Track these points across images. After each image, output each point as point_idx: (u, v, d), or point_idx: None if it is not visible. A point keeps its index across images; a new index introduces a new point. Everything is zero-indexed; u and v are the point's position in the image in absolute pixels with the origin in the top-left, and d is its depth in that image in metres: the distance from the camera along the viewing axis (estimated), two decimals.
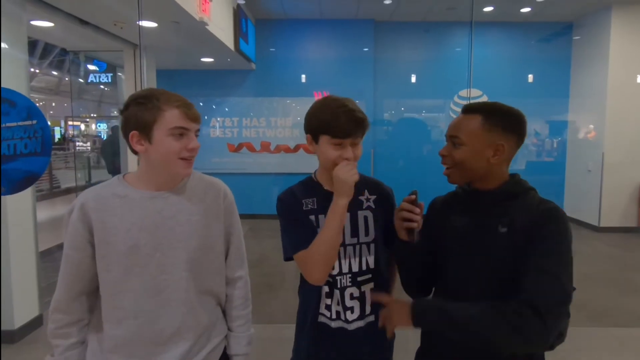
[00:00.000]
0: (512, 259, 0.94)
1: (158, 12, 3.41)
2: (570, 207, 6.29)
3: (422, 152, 6.39)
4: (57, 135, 17.47)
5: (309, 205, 1.14)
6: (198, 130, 1.04)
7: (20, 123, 1.43)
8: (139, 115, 0.96)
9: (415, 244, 1.04)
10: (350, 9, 5.76)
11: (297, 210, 1.14)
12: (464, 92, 6.16)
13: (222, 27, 4.39)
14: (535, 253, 0.92)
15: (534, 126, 6.43)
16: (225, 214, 1.11)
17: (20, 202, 2.71)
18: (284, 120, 6.28)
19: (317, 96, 6.30)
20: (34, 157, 1.47)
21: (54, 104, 19.23)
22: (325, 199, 1.13)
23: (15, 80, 2.61)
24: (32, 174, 1.50)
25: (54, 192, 9.21)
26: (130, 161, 4.56)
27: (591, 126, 5.94)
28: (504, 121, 1.01)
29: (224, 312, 1.17)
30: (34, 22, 3.65)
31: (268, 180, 6.24)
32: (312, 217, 1.13)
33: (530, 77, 6.29)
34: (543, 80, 6.27)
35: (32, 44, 12.56)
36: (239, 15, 4.90)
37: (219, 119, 6.34)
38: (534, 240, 0.93)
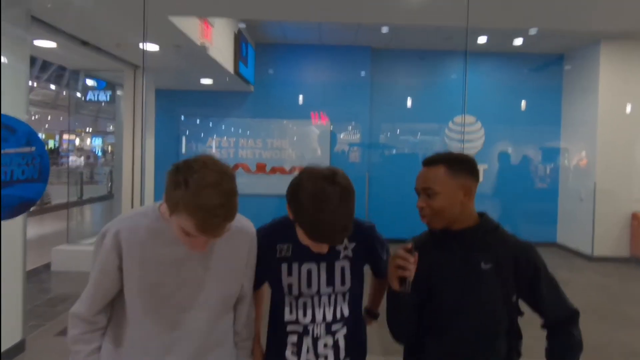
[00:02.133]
0: (500, 292, 1.09)
1: (160, 36, 3.46)
2: (564, 236, 6.32)
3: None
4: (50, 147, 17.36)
5: (283, 252, 1.13)
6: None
7: (19, 150, 1.43)
8: (168, 190, 0.91)
9: (407, 295, 1.06)
10: (348, 36, 5.90)
11: (267, 254, 1.14)
12: (458, 119, 6.27)
13: (222, 51, 4.47)
14: (539, 281, 1.10)
15: (527, 152, 6.54)
16: (248, 258, 1.11)
17: (10, 223, 2.66)
18: (280, 141, 6.32)
19: (314, 118, 6.38)
20: (31, 184, 1.46)
21: (49, 118, 19.21)
22: (300, 246, 1.11)
23: (15, 99, 2.61)
24: (28, 200, 1.48)
25: (44, 208, 9.07)
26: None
27: (583, 154, 6.04)
28: (464, 165, 1.14)
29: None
30: (37, 42, 3.68)
31: (263, 202, 6.22)
32: (285, 265, 1.12)
33: (523, 105, 6.43)
34: (535, 108, 6.41)
35: (31, 58, 12.62)
36: (239, 40, 5.00)
37: (215, 138, 6.36)
38: (527, 272, 1.10)
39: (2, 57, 2.45)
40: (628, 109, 5.68)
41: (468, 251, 1.10)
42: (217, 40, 4.22)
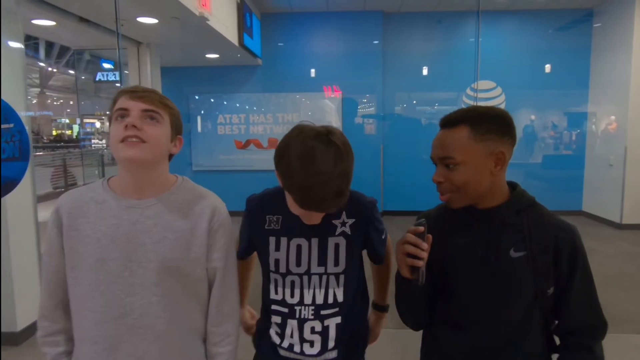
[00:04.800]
0: (533, 285, 0.89)
1: (157, 7, 3.33)
2: (590, 203, 6.03)
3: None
4: (75, 132, 17.87)
5: (272, 225, 1.02)
6: (150, 111, 0.91)
7: None
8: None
9: (420, 285, 0.88)
10: (357, 1, 5.59)
11: (257, 224, 1.04)
12: (476, 84, 5.94)
13: (224, 22, 4.30)
14: (574, 274, 0.90)
15: (551, 118, 6.18)
16: (210, 235, 0.95)
17: (20, 202, 2.68)
18: (291, 115, 6.18)
19: (327, 91, 6.17)
20: (12, 163, 1.41)
21: (71, 102, 19.61)
22: (290, 219, 1.01)
23: (11, 79, 2.57)
24: (10, 179, 1.44)
25: (70, 189, 9.35)
26: None
27: (612, 118, 5.65)
28: (494, 122, 0.89)
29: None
30: (35, 21, 3.62)
31: (276, 178, 6.16)
32: (273, 239, 1.02)
33: (548, 68, 6.01)
34: (561, 70, 5.99)
35: (50, 45, 12.76)
36: (242, 10, 4.80)
37: (225, 115, 6.28)
38: (563, 263, 0.90)
39: None
40: None
41: (496, 234, 0.89)
42: (218, 10, 4.05)
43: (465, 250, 0.92)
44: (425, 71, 6.19)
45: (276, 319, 1.04)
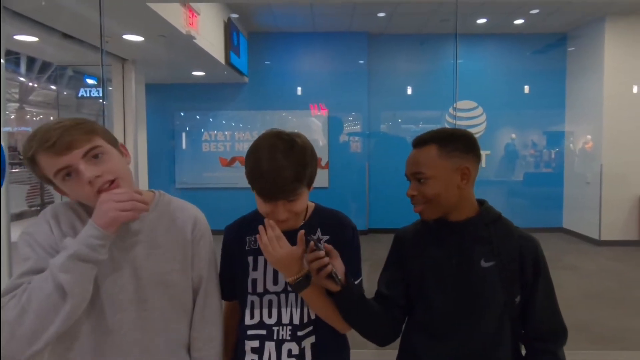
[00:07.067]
0: (503, 294, 0.96)
1: (143, 26, 3.33)
2: (570, 220, 6.17)
3: None
4: None
5: (251, 245, 1.05)
6: (89, 151, 0.84)
7: None
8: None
9: (346, 289, 0.92)
10: (343, 22, 5.72)
11: (236, 249, 1.05)
12: (459, 104, 6.10)
13: (211, 41, 4.33)
14: (537, 284, 0.97)
15: (531, 137, 6.37)
16: (193, 245, 0.98)
17: None
18: None
19: (313, 109, 6.22)
20: None
21: (52, 118, 19.26)
22: None
23: None
24: None
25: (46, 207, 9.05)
26: None
27: (588, 137, 5.86)
28: (459, 142, 0.99)
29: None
30: (17, 37, 3.56)
31: None
32: (250, 258, 1.04)
33: (526, 88, 6.24)
34: (538, 91, 6.21)
35: (31, 60, 12.58)
36: (229, 29, 4.85)
37: (211, 132, 6.24)
38: (528, 272, 0.97)
39: None
40: (635, 88, 5.47)
41: (467, 246, 0.97)
42: (205, 29, 4.08)
43: (440, 261, 0.99)
44: (409, 90, 6.33)
45: (253, 343, 1.01)
